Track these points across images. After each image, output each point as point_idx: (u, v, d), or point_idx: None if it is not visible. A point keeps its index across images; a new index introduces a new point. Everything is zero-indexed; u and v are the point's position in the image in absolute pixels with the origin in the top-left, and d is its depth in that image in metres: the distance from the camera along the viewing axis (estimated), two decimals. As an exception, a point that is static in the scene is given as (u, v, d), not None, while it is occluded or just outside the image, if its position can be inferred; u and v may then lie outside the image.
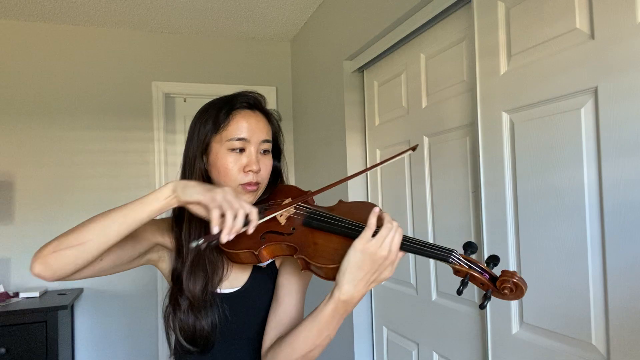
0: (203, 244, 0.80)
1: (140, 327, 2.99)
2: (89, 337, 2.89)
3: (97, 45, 3.01)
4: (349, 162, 2.38)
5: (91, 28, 3.00)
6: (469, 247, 0.81)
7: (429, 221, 1.84)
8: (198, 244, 0.80)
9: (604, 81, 1.07)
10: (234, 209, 0.79)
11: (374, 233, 0.79)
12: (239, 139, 0.94)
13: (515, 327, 1.35)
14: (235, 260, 0.92)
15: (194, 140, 0.98)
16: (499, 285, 0.75)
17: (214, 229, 0.79)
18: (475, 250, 0.81)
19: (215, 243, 0.81)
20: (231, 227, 0.79)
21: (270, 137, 1.00)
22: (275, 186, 1.06)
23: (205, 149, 0.96)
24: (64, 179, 2.89)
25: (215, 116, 0.95)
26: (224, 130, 0.94)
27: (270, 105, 1.04)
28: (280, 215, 0.93)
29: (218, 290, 0.97)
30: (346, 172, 2.38)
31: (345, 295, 0.79)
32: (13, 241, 2.77)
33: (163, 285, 2.97)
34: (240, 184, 0.94)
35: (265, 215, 0.88)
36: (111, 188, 2.96)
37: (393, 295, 2.12)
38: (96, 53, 3.00)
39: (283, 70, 3.41)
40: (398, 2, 1.88)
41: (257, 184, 0.96)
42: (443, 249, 0.79)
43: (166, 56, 3.14)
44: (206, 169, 0.97)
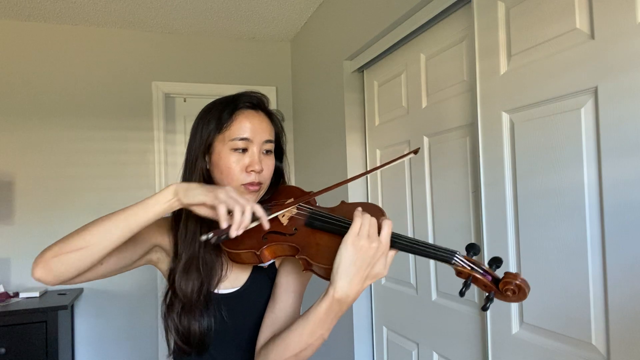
0: (213, 238, 0.79)
1: (140, 327, 2.99)
2: (89, 337, 2.89)
3: (98, 45, 3.01)
4: (349, 162, 2.38)
5: (91, 28, 3.00)
6: (471, 249, 0.80)
7: (429, 221, 1.84)
8: (208, 237, 0.79)
9: (604, 81, 1.07)
10: (240, 204, 0.80)
11: None
12: (242, 139, 0.94)
13: (515, 327, 1.35)
14: (237, 260, 0.91)
15: (196, 140, 0.97)
16: (502, 287, 0.75)
17: (222, 224, 0.79)
18: (478, 252, 0.81)
19: (225, 238, 0.80)
20: (240, 222, 0.79)
21: (273, 138, 0.99)
22: (277, 187, 1.06)
23: (208, 149, 0.96)
24: (64, 179, 2.89)
25: (218, 116, 0.95)
26: (227, 130, 0.94)
27: (270, 105, 1.04)
28: (283, 215, 0.93)
29: (216, 291, 0.96)
30: (346, 172, 2.38)
31: (340, 292, 0.78)
32: (13, 241, 2.77)
33: (163, 285, 2.96)
34: (243, 184, 0.94)
35: (272, 212, 0.88)
36: (111, 188, 2.96)
37: (393, 295, 2.12)
38: (96, 53, 3.00)
39: (283, 70, 3.41)
40: (398, 2, 1.89)
41: (260, 184, 0.95)
42: (446, 250, 0.79)
43: (166, 56, 3.14)
44: (208, 168, 0.97)
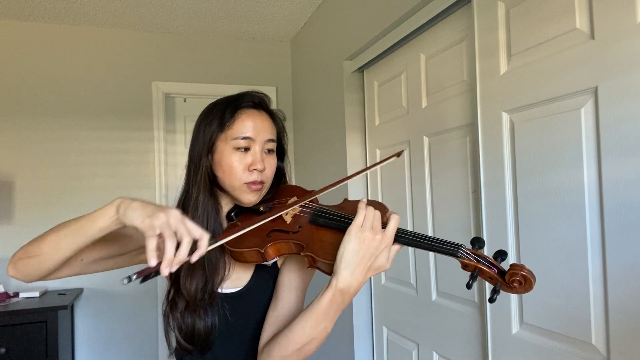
0: (137, 279, 0.68)
1: (140, 327, 2.99)
2: (89, 337, 2.89)
3: (97, 45, 3.01)
4: (349, 162, 2.38)
5: (91, 28, 3.00)
6: (477, 242, 0.82)
7: (429, 221, 1.84)
8: (131, 279, 0.67)
9: (603, 81, 1.07)
10: (177, 235, 0.70)
11: None
12: (244, 138, 0.94)
13: (515, 327, 1.35)
14: (240, 260, 0.91)
15: (199, 139, 0.98)
16: (508, 279, 0.76)
17: (149, 260, 0.69)
18: (483, 245, 0.82)
19: (154, 276, 0.69)
20: (171, 259, 0.69)
21: (275, 137, 1.00)
22: (279, 186, 1.06)
23: (211, 148, 0.96)
24: (64, 179, 2.89)
25: (220, 115, 0.96)
26: (229, 129, 0.94)
27: (271, 105, 1.04)
28: (287, 213, 0.94)
29: (219, 290, 0.96)
30: (346, 172, 2.39)
31: (343, 282, 0.79)
32: (13, 241, 2.77)
33: (163, 285, 2.97)
34: (245, 183, 0.94)
35: (274, 212, 0.88)
36: (111, 188, 2.97)
37: (393, 295, 2.12)
38: (96, 53, 3.00)
39: (283, 70, 3.41)
40: (398, 2, 1.89)
41: (262, 182, 0.96)
42: (452, 243, 0.80)
43: (166, 56, 3.14)
44: (211, 167, 0.97)
